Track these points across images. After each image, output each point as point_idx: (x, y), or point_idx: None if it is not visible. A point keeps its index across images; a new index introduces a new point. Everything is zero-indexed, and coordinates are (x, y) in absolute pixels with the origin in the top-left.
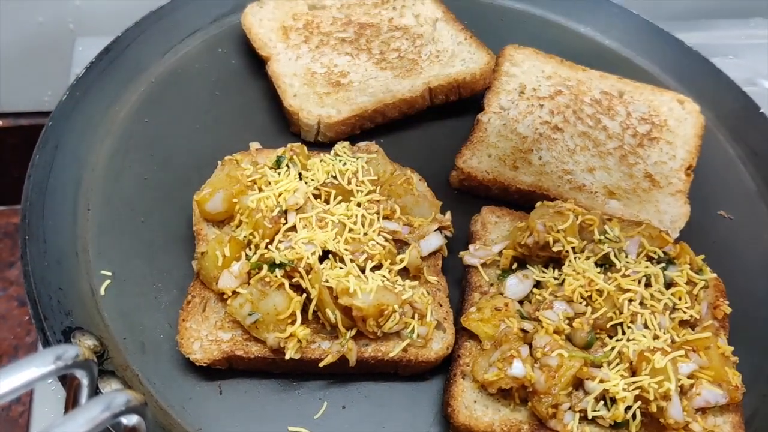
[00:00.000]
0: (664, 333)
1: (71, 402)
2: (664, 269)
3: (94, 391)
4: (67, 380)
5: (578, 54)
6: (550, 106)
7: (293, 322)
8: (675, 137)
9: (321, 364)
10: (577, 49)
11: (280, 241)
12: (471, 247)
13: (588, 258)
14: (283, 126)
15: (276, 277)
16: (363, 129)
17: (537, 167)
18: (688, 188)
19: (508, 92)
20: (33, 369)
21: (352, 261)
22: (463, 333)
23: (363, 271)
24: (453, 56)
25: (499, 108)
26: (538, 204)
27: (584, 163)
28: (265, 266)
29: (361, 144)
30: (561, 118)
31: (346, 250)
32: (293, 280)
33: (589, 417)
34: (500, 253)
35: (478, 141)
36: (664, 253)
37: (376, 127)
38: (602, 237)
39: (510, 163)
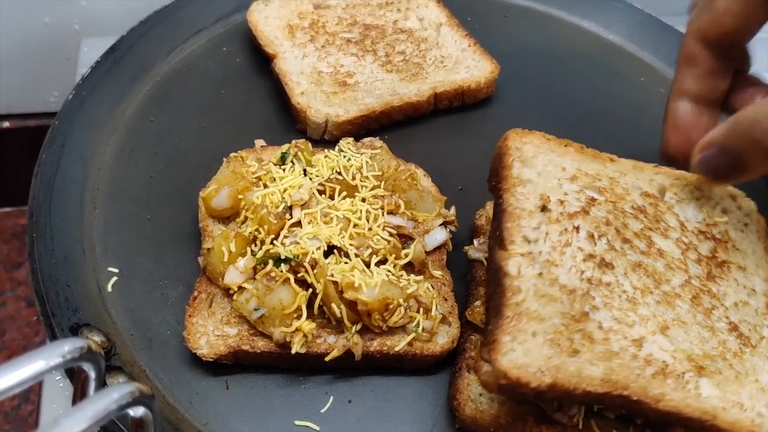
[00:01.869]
0: None
1: (79, 395)
2: None
3: (102, 385)
4: (74, 374)
5: (581, 50)
6: (586, 226)
7: (299, 317)
8: (745, 257)
9: (327, 359)
10: (580, 44)
11: (285, 237)
12: (475, 241)
13: None
14: (288, 123)
15: (281, 272)
16: (369, 129)
17: (600, 344)
18: None
19: (530, 214)
20: (41, 362)
21: (357, 256)
22: (468, 327)
23: (368, 265)
24: (457, 63)
25: (525, 244)
26: None
27: (653, 318)
28: (271, 261)
29: (365, 140)
30: (605, 245)
31: (351, 245)
32: (299, 275)
33: (595, 409)
34: None
35: (514, 315)
36: None
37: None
38: None
39: (567, 346)
